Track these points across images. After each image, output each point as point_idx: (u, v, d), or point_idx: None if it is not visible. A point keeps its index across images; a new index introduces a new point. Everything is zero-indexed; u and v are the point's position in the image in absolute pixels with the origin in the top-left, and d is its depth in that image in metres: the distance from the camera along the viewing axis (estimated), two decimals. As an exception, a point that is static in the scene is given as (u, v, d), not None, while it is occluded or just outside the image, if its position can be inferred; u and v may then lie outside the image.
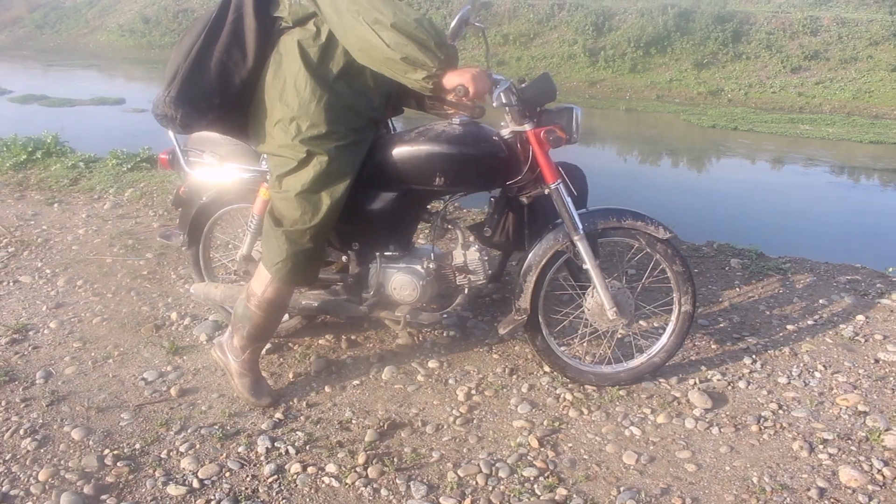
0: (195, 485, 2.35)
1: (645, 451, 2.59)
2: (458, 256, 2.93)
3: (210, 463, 2.46)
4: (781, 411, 2.84)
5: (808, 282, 4.08)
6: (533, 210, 2.85)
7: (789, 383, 3.04)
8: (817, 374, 3.10)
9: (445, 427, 2.71)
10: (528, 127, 2.66)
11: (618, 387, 2.96)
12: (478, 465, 2.48)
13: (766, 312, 3.67)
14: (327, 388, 2.94)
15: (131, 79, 18.46)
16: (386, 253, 2.91)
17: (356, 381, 3.00)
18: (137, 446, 2.55)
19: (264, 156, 2.79)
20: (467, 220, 4.64)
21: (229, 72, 2.52)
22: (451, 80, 2.37)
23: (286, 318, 3.22)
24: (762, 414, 2.82)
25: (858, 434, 2.70)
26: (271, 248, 2.63)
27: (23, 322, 3.43)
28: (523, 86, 2.68)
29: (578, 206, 2.83)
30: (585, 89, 18.44)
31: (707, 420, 2.77)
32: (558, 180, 2.71)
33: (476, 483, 2.40)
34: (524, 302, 2.86)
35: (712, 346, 3.32)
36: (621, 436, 2.68)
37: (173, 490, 2.32)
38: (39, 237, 4.55)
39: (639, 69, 19.01)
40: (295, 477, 2.41)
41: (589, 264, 2.77)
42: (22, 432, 2.62)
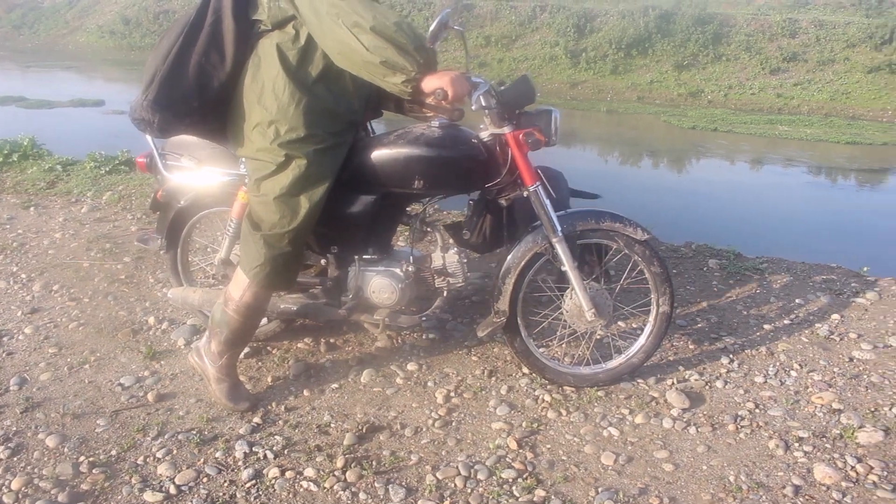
0: (172, 491, 2.34)
1: (623, 451, 2.61)
2: (437, 259, 2.93)
3: (187, 468, 2.45)
4: (758, 410, 2.86)
5: (785, 281, 4.12)
6: (511, 212, 2.86)
7: (766, 382, 3.06)
8: (793, 373, 3.13)
9: (424, 430, 2.71)
10: (507, 129, 2.67)
11: (596, 388, 2.97)
12: (456, 467, 2.48)
13: (744, 312, 3.70)
14: (306, 392, 2.93)
15: (111, 80, 18.29)
16: (365, 256, 2.90)
17: (335, 385, 2.99)
18: (113, 453, 2.53)
19: (243, 159, 2.77)
20: (447, 222, 4.64)
21: (207, 75, 2.50)
22: (429, 84, 2.37)
23: (264, 322, 3.21)
24: (739, 413, 2.84)
25: (833, 432, 2.72)
26: (249, 252, 2.62)
27: (-2, 327, 3.40)
28: (502, 88, 2.69)
29: (559, 210, 2.84)
30: (567, 91, 18.49)
31: (684, 420, 2.79)
32: (537, 182, 2.72)
33: (455, 485, 2.40)
34: (503, 304, 2.87)
35: (690, 347, 3.34)
36: (599, 436, 2.69)
37: (150, 497, 2.30)
38: (15, 241, 4.51)
39: (620, 71, 19.09)
40: (273, 481, 2.40)
41: (567, 266, 2.78)
42: (-5, 440, 2.59)
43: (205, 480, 2.40)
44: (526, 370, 3.07)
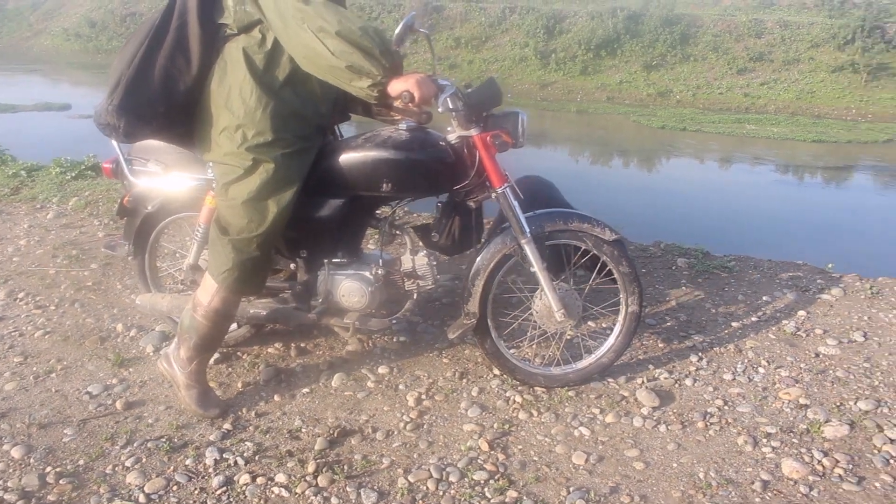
0: (142, 500, 2.31)
1: (594, 450, 2.62)
2: (407, 262, 2.93)
3: (157, 477, 2.42)
4: (727, 407, 2.90)
5: (753, 279, 4.17)
6: (479, 214, 2.87)
7: (734, 379, 3.10)
8: (761, 370, 3.17)
9: (396, 433, 2.71)
10: (474, 132, 2.67)
11: (567, 388, 2.99)
12: (428, 470, 2.48)
13: (712, 310, 3.74)
14: (277, 397, 2.92)
15: (77, 84, 18.06)
16: (334, 260, 2.90)
17: (306, 390, 2.98)
18: (81, 462, 2.49)
19: (210, 164, 2.75)
20: (416, 225, 4.64)
21: (173, 79, 2.49)
22: (396, 87, 2.37)
23: (234, 328, 3.19)
24: (708, 410, 2.87)
25: (800, 427, 2.77)
26: (218, 257, 2.60)
27: (-39, 337, 3.34)
28: (469, 91, 2.69)
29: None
30: (537, 91, 18.55)
31: (655, 418, 2.82)
32: (505, 184, 2.73)
33: (427, 488, 2.40)
34: (473, 306, 2.88)
35: (659, 345, 3.37)
36: (571, 436, 2.71)
37: (119, 506, 2.28)
38: (-21, 249, 4.43)
39: (589, 71, 19.17)
40: (244, 488, 2.38)
41: (536, 267, 2.79)
42: (-41, 452, 2.55)
43: (175, 488, 2.38)
44: (497, 371, 3.08)
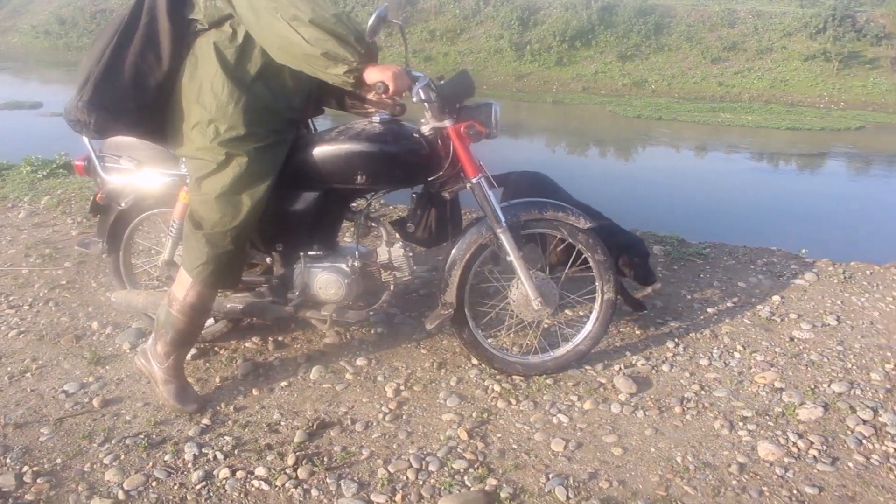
0: (121, 496, 2.30)
1: (573, 437, 2.64)
2: (383, 254, 2.93)
3: (136, 473, 2.41)
4: (703, 392, 2.93)
5: (728, 265, 4.21)
6: (455, 205, 2.88)
7: (710, 364, 3.13)
8: (737, 355, 3.21)
9: (375, 424, 2.71)
10: (448, 123, 2.68)
11: (545, 376, 3.01)
12: (408, 460, 2.49)
13: (688, 297, 3.78)
14: (255, 391, 2.91)
15: (48, 81, 17.84)
16: (310, 253, 2.89)
17: (284, 383, 2.97)
18: (59, 461, 2.47)
19: (183, 159, 2.74)
20: (392, 216, 4.64)
21: (144, 75, 2.48)
22: (371, 76, 2.39)
23: (211, 323, 3.17)
24: (685, 395, 2.90)
25: (775, 410, 2.80)
26: (192, 252, 2.59)
27: (-66, 338, 3.30)
28: (442, 82, 2.70)
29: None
30: (513, 83, 18.57)
31: (632, 404, 2.84)
32: (479, 174, 2.74)
33: (407, 478, 2.41)
34: (450, 296, 2.88)
35: (636, 332, 3.40)
36: (549, 424, 2.73)
37: (98, 503, 2.26)
38: (-50, 249, 4.38)
39: (565, 62, 19.24)
40: (224, 482, 2.37)
41: (513, 256, 2.80)
42: (-66, 453, 2.52)
43: (154, 484, 2.37)
44: (475, 361, 3.09)
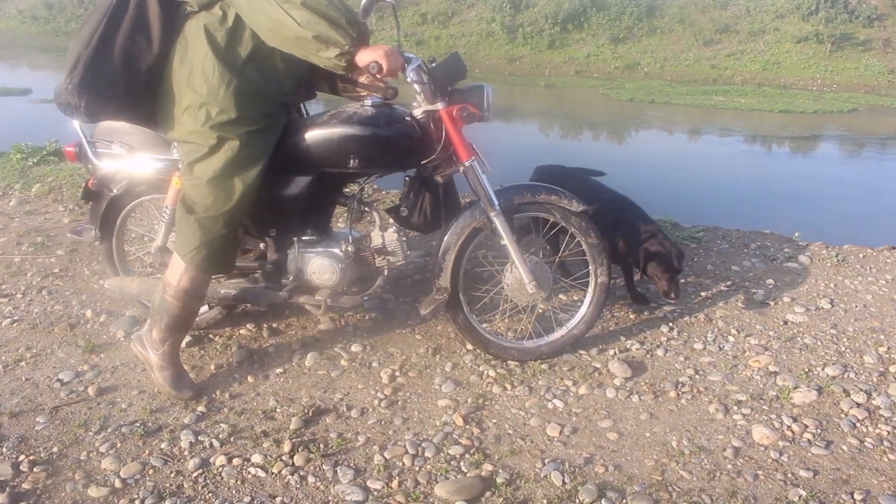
0: (117, 485, 2.30)
1: (568, 422, 2.65)
2: (377, 238, 2.92)
3: (132, 461, 2.40)
4: (698, 376, 2.94)
5: (721, 249, 4.22)
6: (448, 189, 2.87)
7: (705, 348, 3.14)
8: (731, 339, 3.22)
9: (370, 410, 2.71)
10: (440, 106, 2.67)
11: (540, 361, 3.01)
12: (404, 446, 2.49)
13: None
14: (250, 378, 2.90)
15: (36, 67, 17.65)
16: (303, 238, 2.89)
17: (279, 370, 2.97)
18: (55, 450, 2.47)
19: (175, 144, 2.73)
20: (385, 202, 4.63)
21: (134, 58, 2.46)
22: (363, 58, 2.37)
23: (205, 310, 3.17)
24: (679, 380, 2.91)
25: (769, 393, 2.81)
26: (184, 236, 2.59)
27: (-74, 327, 3.28)
28: (434, 65, 2.69)
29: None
30: (505, 66, 18.51)
31: (627, 389, 2.85)
32: (472, 157, 2.73)
33: (403, 464, 2.41)
34: (444, 281, 2.88)
35: (630, 317, 3.41)
36: (544, 409, 2.73)
37: (95, 492, 2.26)
38: (-59, 238, 4.35)
39: (557, 45, 19.16)
40: (220, 469, 2.37)
41: (506, 240, 2.80)
42: (-71, 444, 2.51)
43: (151, 472, 2.36)
44: (470, 346, 3.09)
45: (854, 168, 9.19)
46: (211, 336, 3.21)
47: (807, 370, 2.97)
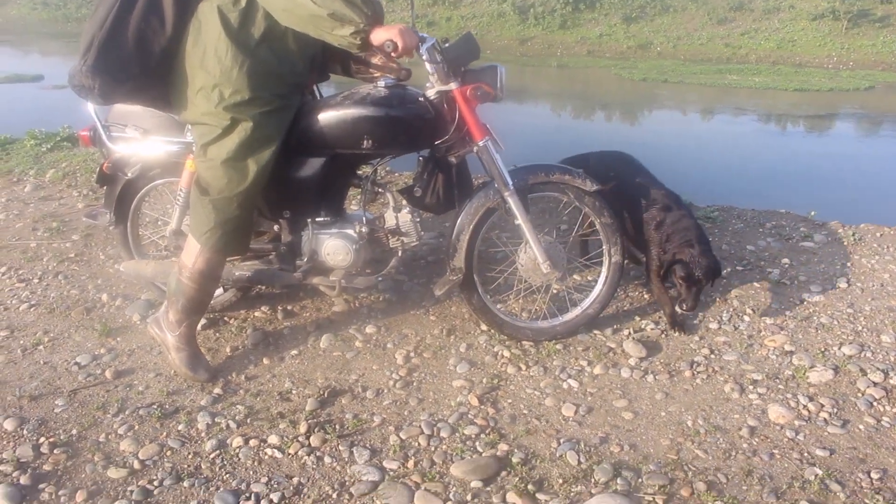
0: (136, 466, 2.32)
1: (583, 402, 2.65)
2: (390, 219, 2.92)
3: (150, 443, 2.43)
4: (713, 356, 2.93)
5: (736, 229, 4.19)
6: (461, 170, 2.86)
7: (720, 328, 3.13)
8: (746, 318, 3.20)
9: (386, 391, 2.72)
10: (453, 86, 2.66)
11: (554, 341, 3.01)
12: (419, 426, 2.50)
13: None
14: (265, 360, 2.92)
15: (48, 54, 17.68)
16: (317, 219, 2.89)
17: (294, 351, 2.98)
18: (74, 432, 2.49)
19: (189, 126, 2.73)
20: (398, 183, 4.62)
21: (147, 40, 2.47)
22: (378, 36, 2.36)
23: (220, 292, 3.18)
24: (695, 359, 2.90)
25: (785, 373, 2.80)
26: (199, 218, 2.60)
27: (-55, 312, 3.31)
28: (447, 45, 2.67)
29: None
30: (517, 47, 18.38)
31: (642, 368, 2.84)
32: (486, 137, 2.72)
33: (418, 444, 2.42)
34: (459, 261, 2.88)
35: (645, 297, 3.39)
36: (559, 389, 2.73)
37: (114, 473, 2.28)
38: (-43, 224, 4.38)
39: (569, 25, 19.01)
40: (237, 451, 2.39)
41: (521, 220, 2.79)
42: (-49, 426, 2.54)
43: (168, 454, 2.38)
44: (484, 327, 3.09)
45: (871, 146, 9.09)
46: (226, 318, 3.22)
47: (823, 349, 2.95)
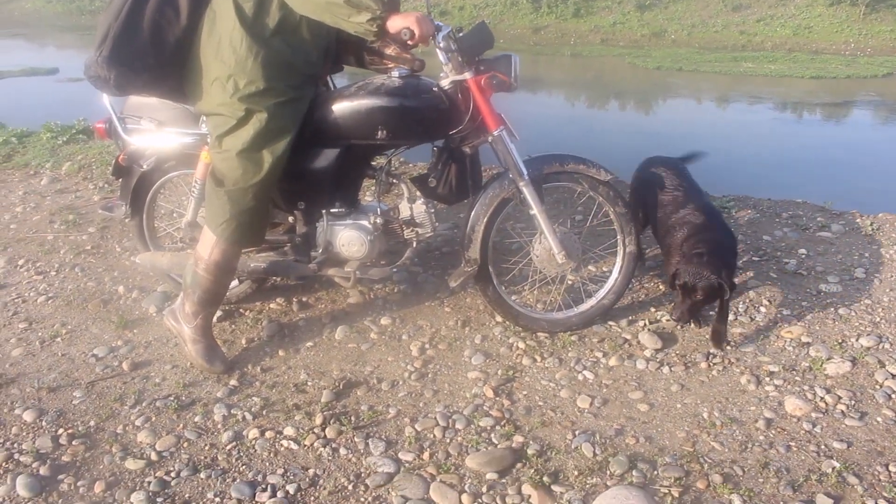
0: (153, 457, 2.34)
1: (598, 394, 2.64)
2: (405, 210, 2.92)
3: (167, 435, 2.44)
4: (729, 347, 2.91)
5: (752, 218, 4.16)
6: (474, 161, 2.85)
7: (736, 319, 3.11)
8: (762, 309, 3.18)
9: (401, 383, 2.73)
10: (468, 75, 2.65)
11: (570, 332, 3.00)
12: (434, 418, 2.51)
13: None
14: (281, 352, 2.93)
15: (63, 47, 17.74)
16: (332, 210, 2.89)
17: (310, 343, 2.99)
18: (92, 423, 2.51)
19: (203, 118, 2.74)
20: (412, 174, 4.61)
21: (163, 30, 2.48)
22: (395, 23, 2.36)
23: (236, 284, 3.19)
24: (711, 351, 2.89)
25: (802, 364, 2.78)
26: (214, 209, 2.61)
27: (-37, 305, 3.34)
28: (461, 34, 2.66)
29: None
30: (530, 36, 18.29)
31: (658, 360, 2.83)
32: (501, 127, 2.71)
33: (434, 436, 2.42)
34: (474, 252, 2.87)
35: (661, 288, 3.38)
36: (575, 380, 2.73)
37: (132, 464, 2.30)
38: (-25, 217, 4.41)
39: (582, 13, 18.89)
40: (253, 442, 2.40)
41: (536, 210, 2.79)
42: (-30, 418, 2.56)
43: (185, 445, 2.40)
44: (499, 318, 3.08)
45: (889, 134, 8.99)
46: (242, 310, 3.23)
47: (840, 341, 2.93)
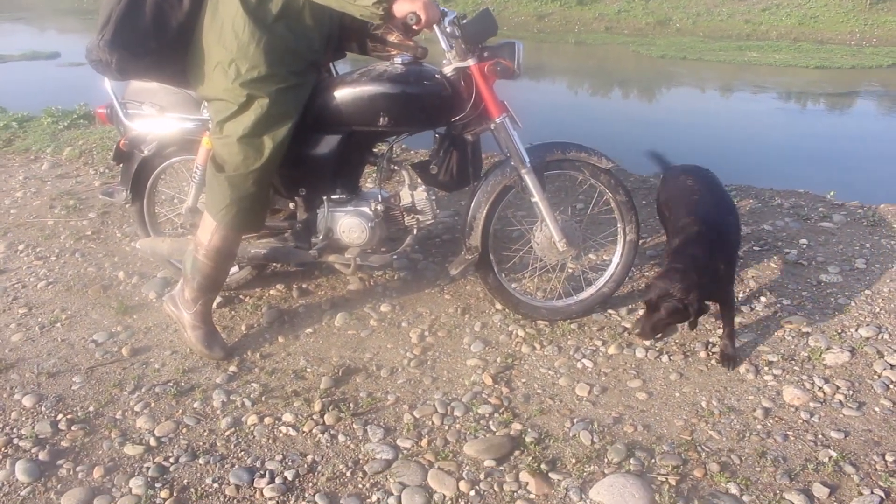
0: (152, 443, 2.34)
1: (597, 382, 2.64)
2: (406, 197, 2.91)
3: (166, 420, 2.45)
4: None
5: (753, 208, 4.15)
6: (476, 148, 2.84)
7: (736, 308, 3.10)
8: (763, 299, 3.17)
9: (400, 370, 2.73)
10: (471, 62, 2.63)
11: (569, 320, 3.00)
12: (433, 405, 2.51)
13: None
14: (280, 339, 2.93)
15: (65, 31, 17.69)
16: (333, 197, 2.88)
17: (309, 330, 2.99)
18: (91, 409, 2.52)
19: (205, 104, 2.73)
20: (414, 161, 4.60)
21: (165, 15, 2.48)
22: (401, 8, 2.35)
23: (235, 270, 3.19)
24: (710, 340, 2.88)
25: (801, 354, 2.78)
26: (215, 195, 2.61)
27: (-37, 289, 3.34)
28: (465, 21, 2.65)
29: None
30: (534, 23, 18.21)
31: (657, 349, 2.83)
32: (503, 114, 2.70)
33: (432, 423, 2.43)
34: (475, 240, 2.87)
35: (661, 276, 3.37)
36: (574, 369, 2.73)
37: (130, 450, 2.31)
38: (-25, 201, 4.41)
39: (586, 1, 18.78)
40: (252, 428, 2.41)
41: (537, 197, 2.78)
42: (-30, 403, 2.56)
43: (184, 431, 2.41)
44: (499, 306, 3.08)
45: (893, 125, 8.96)
46: (241, 296, 3.23)
47: (840, 331, 2.93)
